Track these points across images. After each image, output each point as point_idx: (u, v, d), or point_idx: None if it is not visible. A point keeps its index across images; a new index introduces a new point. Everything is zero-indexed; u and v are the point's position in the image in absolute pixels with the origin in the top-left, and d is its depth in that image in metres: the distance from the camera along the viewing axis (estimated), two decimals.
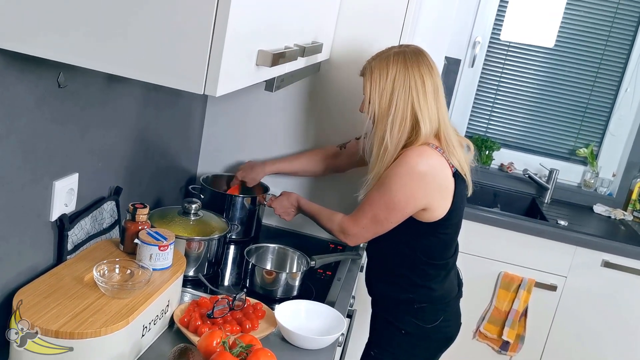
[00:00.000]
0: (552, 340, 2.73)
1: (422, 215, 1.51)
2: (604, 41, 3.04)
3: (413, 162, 1.45)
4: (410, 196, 1.46)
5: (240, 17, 0.92)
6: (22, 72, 1.07)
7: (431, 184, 1.46)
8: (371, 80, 1.48)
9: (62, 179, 1.27)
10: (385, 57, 1.49)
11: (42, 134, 1.18)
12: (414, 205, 1.48)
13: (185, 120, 1.94)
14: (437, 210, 1.50)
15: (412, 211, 1.49)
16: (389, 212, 1.49)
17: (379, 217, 1.51)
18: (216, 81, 0.89)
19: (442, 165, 1.47)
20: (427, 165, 1.45)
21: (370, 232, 1.56)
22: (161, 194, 1.87)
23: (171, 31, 0.88)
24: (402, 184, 1.45)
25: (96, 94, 1.34)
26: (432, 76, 1.47)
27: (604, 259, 2.62)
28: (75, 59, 0.92)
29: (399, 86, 1.46)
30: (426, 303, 1.60)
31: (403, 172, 1.45)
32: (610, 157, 3.13)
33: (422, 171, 1.45)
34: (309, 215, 1.76)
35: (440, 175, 1.47)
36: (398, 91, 1.46)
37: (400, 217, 1.50)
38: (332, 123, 1.98)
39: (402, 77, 1.45)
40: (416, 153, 1.45)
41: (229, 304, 1.35)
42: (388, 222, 1.52)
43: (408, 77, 1.45)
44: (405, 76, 1.45)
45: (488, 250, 2.68)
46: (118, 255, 1.33)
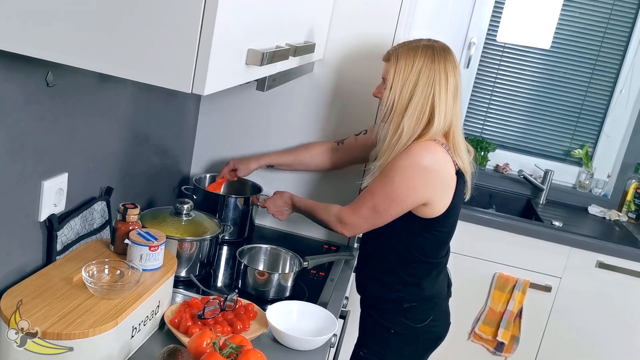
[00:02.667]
0: (546, 341, 2.73)
1: (421, 211, 1.50)
2: (598, 43, 3.05)
3: (419, 156, 1.45)
4: (411, 189, 1.46)
5: (229, 15, 0.91)
6: (10, 71, 1.06)
7: (434, 179, 1.46)
8: (396, 67, 1.47)
9: (51, 178, 1.26)
10: (414, 48, 1.48)
11: (31, 133, 1.17)
12: (414, 198, 1.47)
13: (178, 120, 1.94)
14: (437, 207, 1.50)
15: (412, 205, 1.49)
16: (389, 203, 1.49)
17: (379, 208, 1.51)
18: (204, 80, 0.89)
19: (446, 161, 1.47)
20: (432, 160, 1.45)
21: (368, 223, 1.56)
22: (154, 194, 1.86)
23: (159, 29, 0.87)
24: (405, 177, 1.45)
25: (86, 93, 1.34)
26: (455, 75, 1.48)
27: (599, 260, 2.61)
28: (62, 57, 0.91)
29: (423, 79, 1.45)
30: (416, 302, 1.60)
31: (407, 165, 1.45)
32: (605, 158, 3.13)
33: (426, 166, 1.45)
34: (304, 211, 1.75)
35: (444, 171, 1.47)
36: (422, 83, 1.45)
37: (400, 210, 1.50)
38: (326, 123, 1.98)
39: (428, 70, 1.45)
40: (422, 147, 1.45)
41: (220, 305, 1.35)
42: (387, 214, 1.51)
43: (433, 71, 1.45)
44: (431, 70, 1.45)
45: (483, 251, 2.68)
46: (108, 256, 1.32)
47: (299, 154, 1.92)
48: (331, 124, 1.97)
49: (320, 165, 1.92)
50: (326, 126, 1.97)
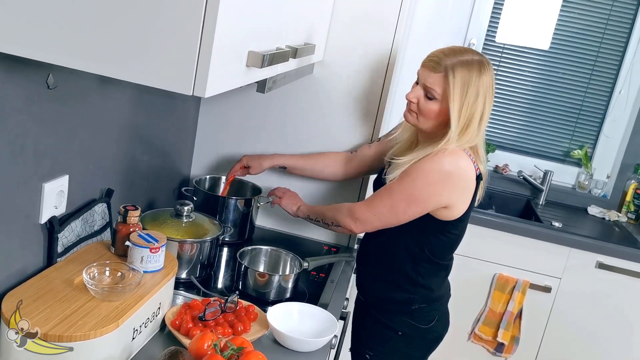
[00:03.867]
0: (546, 341, 2.73)
1: (441, 213, 1.51)
2: (597, 43, 3.05)
3: (443, 160, 1.44)
4: (434, 193, 1.46)
5: (230, 18, 0.91)
6: (10, 73, 1.06)
7: (457, 184, 1.47)
8: (448, 82, 1.44)
9: (52, 180, 1.27)
10: (468, 65, 1.45)
11: (31, 136, 1.17)
12: (436, 202, 1.48)
13: (178, 122, 1.94)
14: (456, 210, 1.50)
15: (432, 208, 1.49)
16: (409, 205, 1.49)
17: (397, 208, 1.50)
18: (205, 82, 0.89)
19: (469, 167, 1.47)
20: (456, 165, 1.45)
21: (381, 221, 1.55)
22: (154, 196, 1.86)
23: (159, 32, 0.87)
24: (428, 180, 1.45)
25: (87, 95, 1.34)
26: (493, 90, 1.49)
27: (598, 261, 2.62)
28: (63, 59, 0.91)
29: (481, 94, 1.45)
30: (425, 303, 1.61)
31: (431, 169, 1.45)
32: (605, 159, 3.14)
33: (450, 170, 1.45)
34: (314, 211, 1.74)
35: (466, 175, 1.48)
36: (478, 98, 1.45)
37: (419, 212, 1.50)
38: (327, 125, 1.98)
39: (485, 87, 1.45)
40: (447, 152, 1.45)
41: (221, 307, 1.35)
42: (405, 215, 1.51)
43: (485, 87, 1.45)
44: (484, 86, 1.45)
45: (483, 252, 2.68)
46: (109, 258, 1.32)
47: (313, 160, 1.91)
48: (330, 125, 1.97)
49: (332, 174, 1.90)
50: (326, 128, 1.97)
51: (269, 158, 1.91)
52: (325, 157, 1.91)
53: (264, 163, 1.90)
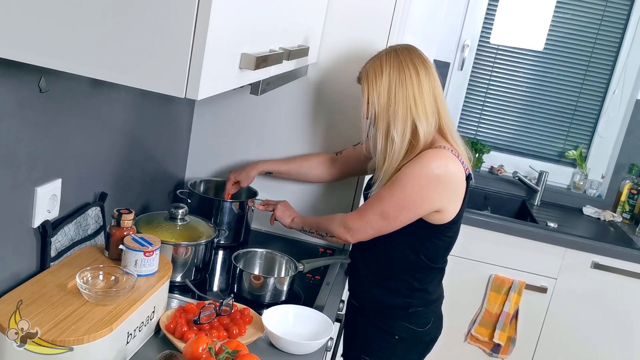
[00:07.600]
0: (543, 342, 2.73)
1: (433, 217, 1.50)
2: (591, 44, 3.06)
3: (432, 164, 1.44)
4: (425, 198, 1.46)
5: (222, 20, 0.91)
6: (2, 77, 1.06)
7: (447, 187, 1.46)
8: (367, 82, 1.48)
9: (45, 184, 1.26)
10: (378, 57, 1.50)
11: (24, 139, 1.16)
12: (427, 206, 1.47)
13: (172, 125, 1.93)
14: (448, 213, 1.50)
15: (424, 212, 1.48)
16: (400, 210, 1.48)
17: (388, 215, 1.49)
18: (198, 84, 0.89)
19: (458, 168, 1.47)
20: (445, 168, 1.45)
21: (374, 229, 1.54)
22: (148, 199, 1.85)
23: (151, 34, 0.87)
24: (419, 185, 1.45)
25: (80, 98, 1.33)
26: (426, 68, 1.47)
27: (594, 261, 2.62)
28: (55, 63, 0.91)
29: (394, 80, 1.45)
30: (422, 307, 1.61)
31: (421, 174, 1.44)
32: (599, 159, 3.15)
33: (439, 174, 1.44)
34: (307, 222, 1.73)
35: (455, 178, 1.47)
36: (395, 85, 1.45)
37: (411, 217, 1.49)
38: (321, 127, 1.97)
39: (397, 71, 1.45)
40: (434, 155, 1.44)
41: (216, 310, 1.34)
42: (397, 221, 1.50)
43: (402, 70, 1.45)
44: (400, 70, 1.45)
45: (478, 252, 2.68)
46: (103, 262, 1.32)
47: (297, 163, 1.90)
48: (325, 127, 1.97)
49: (318, 176, 1.90)
50: (320, 129, 1.97)
51: (254, 167, 1.90)
52: (309, 160, 1.90)
53: (250, 173, 1.89)
